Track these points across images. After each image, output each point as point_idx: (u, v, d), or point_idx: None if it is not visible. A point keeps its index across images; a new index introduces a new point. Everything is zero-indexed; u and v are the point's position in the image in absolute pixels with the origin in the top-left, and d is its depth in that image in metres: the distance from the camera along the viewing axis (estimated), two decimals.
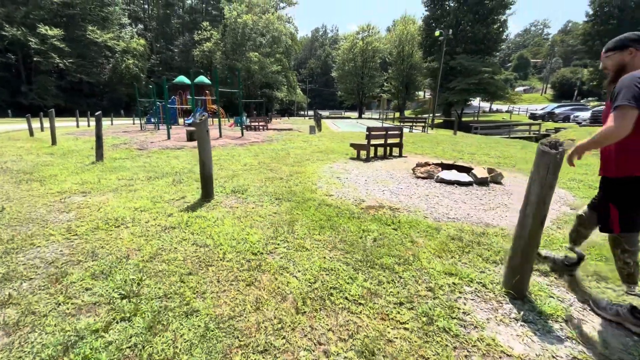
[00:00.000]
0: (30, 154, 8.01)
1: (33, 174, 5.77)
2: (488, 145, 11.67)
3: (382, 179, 5.81)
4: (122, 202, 4.17)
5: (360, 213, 3.93)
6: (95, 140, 6.96)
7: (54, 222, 3.51)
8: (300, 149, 9.65)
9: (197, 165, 6.66)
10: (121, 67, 44.56)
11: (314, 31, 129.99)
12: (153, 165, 6.82)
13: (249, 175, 5.87)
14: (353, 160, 7.74)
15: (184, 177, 5.69)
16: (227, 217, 3.70)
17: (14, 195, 4.51)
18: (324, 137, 13.28)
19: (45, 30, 37.06)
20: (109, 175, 5.74)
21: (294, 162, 7.32)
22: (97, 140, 6.88)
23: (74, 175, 5.70)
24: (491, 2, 32.23)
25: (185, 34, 57.97)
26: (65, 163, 6.82)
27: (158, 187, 4.96)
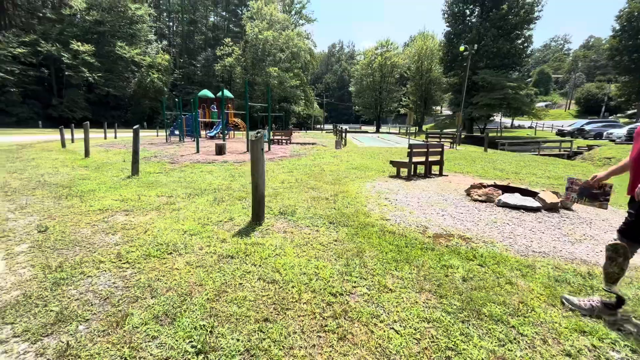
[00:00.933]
0: (65, 166, 7.97)
1: (71, 188, 5.62)
2: (526, 163, 11.05)
3: (435, 201, 5.37)
4: (168, 224, 3.88)
5: (430, 243, 3.50)
6: (132, 155, 6.82)
7: (101, 246, 3.24)
8: (333, 165, 9.32)
9: (234, 181, 6.42)
10: (146, 81, 46.07)
11: (331, 47, 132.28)
12: (188, 180, 6.60)
13: (291, 194, 5.54)
14: (394, 179, 7.33)
15: (224, 195, 5.41)
16: (286, 244, 3.34)
17: (56, 212, 4.30)
18: (351, 153, 12.95)
19: (77, 46, 38.86)
20: (147, 191, 5.52)
21: (333, 179, 6.97)
22: (133, 154, 6.75)
23: (112, 190, 5.52)
24: (515, 17, 31.80)
25: (207, 50, 59.77)
26: (101, 177, 6.69)
27: (201, 206, 4.67)
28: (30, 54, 36.54)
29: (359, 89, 54.52)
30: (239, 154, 11.58)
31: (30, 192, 5.37)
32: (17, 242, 3.30)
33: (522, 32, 32.65)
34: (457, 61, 36.13)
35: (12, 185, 5.77)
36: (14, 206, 4.55)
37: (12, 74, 34.14)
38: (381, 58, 50.73)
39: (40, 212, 4.31)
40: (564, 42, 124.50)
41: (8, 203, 4.70)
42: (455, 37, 34.78)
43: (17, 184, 5.88)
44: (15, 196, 5.08)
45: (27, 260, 2.91)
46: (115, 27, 44.12)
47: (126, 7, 44.68)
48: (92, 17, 41.67)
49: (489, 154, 14.44)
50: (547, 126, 43.84)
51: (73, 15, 42.47)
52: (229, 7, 65.93)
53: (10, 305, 2.21)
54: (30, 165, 8.00)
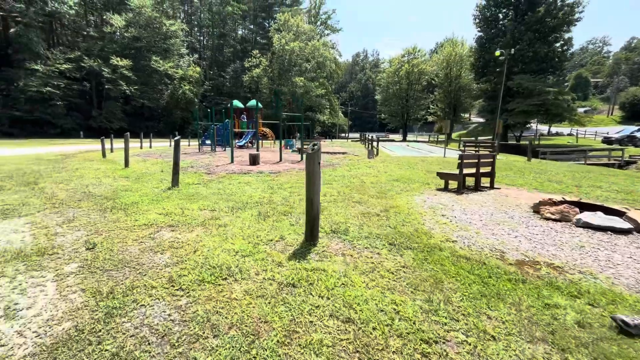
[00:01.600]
0: (107, 177, 8.08)
1: (115, 200, 5.57)
2: (583, 174, 10.07)
3: (500, 219, 4.81)
4: (217, 242, 3.62)
5: (517, 273, 3.00)
6: (172, 166, 6.76)
7: (151, 267, 3.01)
8: (372, 176, 8.89)
9: (274, 194, 6.15)
10: (178, 92, 47.96)
11: (355, 55, 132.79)
12: (228, 192, 6.41)
13: (338, 209, 5.17)
14: (443, 192, 6.79)
15: (267, 209, 5.14)
16: (350, 271, 2.97)
17: (102, 226, 4.18)
18: (387, 163, 12.46)
19: (116, 61, 41.17)
20: (189, 204, 5.36)
21: (377, 192, 6.55)
22: (174, 166, 6.67)
23: (155, 203, 5.40)
24: (553, 20, 30.24)
25: (236, 62, 61.60)
26: (143, 188, 6.65)
27: (247, 222, 4.41)
28: (75, 69, 39.07)
29: (385, 97, 53.88)
30: (273, 164, 11.43)
31: (76, 204, 5.36)
32: (67, 261, 3.14)
33: (561, 34, 30.94)
34: (489, 67, 34.79)
35: (59, 197, 5.81)
36: (62, 219, 4.49)
37: (58, 88, 36.57)
38: (408, 65, 49.96)
39: (87, 226, 4.21)
40: (603, 44, 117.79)
41: (56, 216, 4.66)
42: (488, 42, 33.57)
43: (63, 195, 5.93)
44: (62, 208, 5.06)
45: (77, 283, 2.71)
46: (151, 42, 46.43)
47: (161, 23, 47.01)
48: (130, 33, 44.12)
49: (535, 164, 13.45)
50: (589, 133, 41.08)
51: (113, 32, 45.22)
52: (257, 20, 67.88)
53: (62, 342, 1.97)
54: (75, 176, 8.19)
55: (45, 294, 2.56)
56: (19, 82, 35.05)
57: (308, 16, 63.98)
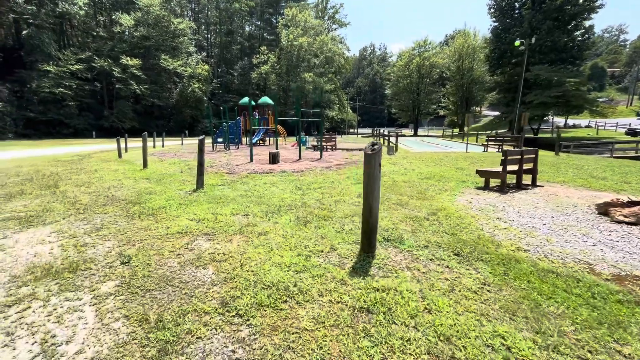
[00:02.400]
0: (127, 179, 7.81)
1: (141, 204, 5.25)
2: (624, 169, 9.44)
3: (565, 223, 4.34)
4: (262, 254, 3.25)
5: (625, 293, 2.55)
6: (197, 167, 6.42)
7: (197, 286, 2.65)
8: (400, 174, 8.44)
9: (306, 196, 5.77)
10: (187, 91, 47.90)
11: (362, 50, 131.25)
12: (257, 194, 6.05)
13: (381, 213, 4.75)
14: (484, 191, 6.32)
15: (304, 213, 4.76)
16: (427, 290, 2.56)
17: (133, 235, 3.85)
18: (410, 159, 11.97)
19: (126, 61, 41.21)
20: (220, 208, 5.01)
21: (416, 193, 6.11)
22: (199, 167, 6.34)
23: (184, 207, 5.06)
24: (573, 7, 29.07)
25: (244, 59, 61.32)
26: (167, 191, 6.33)
27: (288, 229, 4.03)
28: (86, 70, 39.23)
29: (396, 91, 53.00)
30: (293, 162, 11.06)
31: (101, 209, 5.06)
32: (102, 278, 2.81)
33: (582, 22, 29.75)
34: (505, 57, 33.76)
35: (82, 201, 5.53)
36: (89, 227, 4.18)
37: (70, 88, 36.79)
38: (419, 59, 48.94)
39: (117, 235, 3.89)
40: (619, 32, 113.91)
41: (83, 223, 4.35)
42: (504, 32, 32.51)
43: (87, 200, 5.64)
44: (87, 214, 4.76)
45: (119, 308, 2.37)
46: (159, 41, 46.36)
47: (169, 21, 46.87)
48: (139, 33, 44.10)
49: (565, 159, 12.79)
50: (609, 125, 39.69)
51: (122, 32, 45.29)
52: (264, 16, 67.38)
53: None
54: (95, 178, 7.94)
55: (84, 322, 2.22)
56: (31, 83, 35.35)
57: (315, 11, 63.17)
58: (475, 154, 13.93)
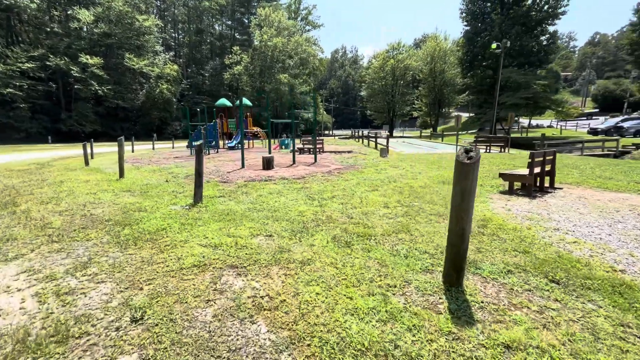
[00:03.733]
0: (104, 192, 6.65)
1: (132, 226, 4.27)
2: (627, 169, 9.60)
3: (630, 232, 3.97)
4: (324, 296, 2.51)
5: None
6: (195, 177, 5.47)
7: (257, 356, 1.87)
8: (410, 178, 7.94)
9: (324, 207, 5.06)
10: (155, 92, 45.17)
11: (334, 52, 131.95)
12: (268, 208, 5.24)
13: (425, 227, 4.16)
14: (512, 196, 5.94)
15: (337, 231, 4.05)
16: (569, 342, 1.96)
17: (136, 273, 2.94)
18: (408, 162, 11.58)
19: (85, 59, 38.03)
20: (234, 228, 4.16)
21: (444, 201, 5.59)
22: (197, 177, 5.40)
23: (188, 228, 4.16)
24: (538, 13, 30.60)
25: (215, 59, 59.15)
26: (159, 206, 5.34)
27: (332, 254, 3.30)
28: (39, 69, 35.76)
29: (371, 93, 53.41)
30: (287, 167, 10.26)
31: (81, 234, 4.03)
32: (117, 350, 1.94)
33: (546, 28, 31.40)
34: (477, 60, 34.91)
35: (53, 224, 4.44)
36: (71, 262, 3.20)
37: (20, 89, 33.29)
38: (393, 61, 49.64)
39: (113, 272, 2.96)
40: (569, 39, 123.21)
41: (60, 256, 3.35)
42: (475, 36, 33.59)
43: (59, 222, 4.55)
44: (65, 243, 3.73)
45: None
46: (123, 39, 43.35)
47: (133, 18, 43.99)
48: (99, 29, 40.95)
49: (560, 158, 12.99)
50: (570, 125, 42.34)
51: (80, 28, 41.84)
52: (235, 15, 65.45)
53: None
54: (63, 191, 6.69)
55: None
56: None
57: (288, 12, 62.31)
58: None
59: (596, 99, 59.43)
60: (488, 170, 9.05)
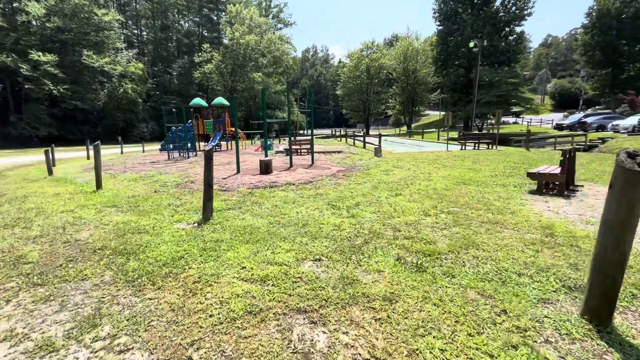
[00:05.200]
0: (84, 208, 5.55)
1: (138, 255, 3.39)
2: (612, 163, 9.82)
3: None
4: (448, 351, 1.88)
5: None
6: (204, 189, 4.60)
7: None
8: (424, 179, 7.50)
9: (356, 217, 4.44)
10: (118, 92, 42.01)
11: (304, 51, 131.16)
12: (292, 221, 4.51)
13: (480, 235, 3.66)
14: (547, 196, 5.63)
15: (395, 248, 3.44)
16: None
17: (172, 333, 2.14)
18: (410, 162, 11.20)
19: (37, 57, 34.51)
20: (270, 251, 3.42)
21: (481, 204, 5.15)
22: (206, 189, 4.54)
23: (213, 255, 3.35)
24: (506, 15, 31.84)
25: (183, 57, 56.35)
26: (162, 225, 4.43)
27: (417, 284, 2.68)
28: None
29: (346, 92, 53.34)
30: (285, 170, 9.48)
31: (71, 270, 3.10)
32: None
33: (513, 29, 32.75)
34: (450, 59, 35.78)
35: (29, 257, 3.44)
36: (70, 318, 2.32)
37: None
38: (368, 60, 49.84)
39: (136, 332, 2.14)
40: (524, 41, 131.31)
41: (52, 309, 2.45)
42: (449, 35, 34.38)
43: (36, 253, 3.55)
44: (53, 286, 2.81)
45: None
46: (80, 34, 39.87)
47: (91, 12, 40.61)
48: (52, 24, 37.33)
49: (543, 154, 13.26)
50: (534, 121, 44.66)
51: (29, 22, 37.94)
52: (202, 11, 62.73)
53: None
54: (30, 210, 5.51)
55: None
56: None
57: (259, 9, 60.69)
58: (462, 153, 13.78)
59: (553, 97, 63.44)
60: (497, 168, 8.84)
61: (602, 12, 44.44)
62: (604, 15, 44.17)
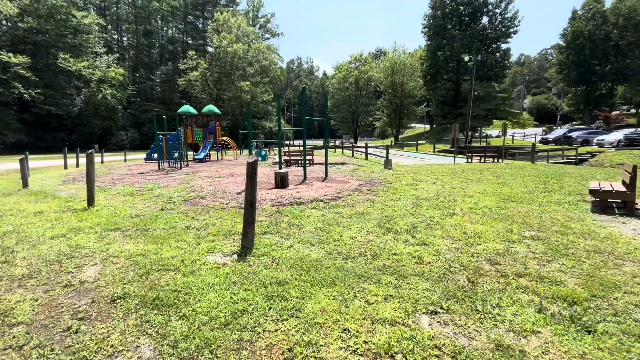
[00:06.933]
0: (78, 232, 4.45)
1: (179, 309, 2.43)
2: None
3: None
4: None
5: None
6: (244, 210, 3.67)
7: None
8: (465, 197, 6.84)
9: (431, 247, 3.66)
10: (97, 97, 39.75)
11: (289, 62, 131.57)
12: (354, 251, 3.66)
13: (623, 277, 2.96)
14: (615, 216, 5.07)
15: (528, 296, 2.66)
16: None
17: None
18: (429, 175, 10.60)
19: (7, 58, 32.12)
20: (364, 301, 2.55)
21: (557, 225, 4.50)
22: (248, 210, 3.61)
23: (288, 307, 2.45)
24: (493, 32, 32.83)
25: (167, 64, 54.61)
26: (191, 258, 3.45)
27: (595, 353, 1.90)
28: None
29: (335, 103, 53.25)
30: (301, 184, 8.60)
31: (87, 339, 2.11)
32: None
33: (499, 45, 33.76)
34: (439, 74, 36.35)
35: (16, 314, 2.40)
36: None
37: None
38: (357, 72, 50.10)
39: None
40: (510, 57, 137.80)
41: None
42: (438, 50, 34.98)
43: (26, 306, 2.51)
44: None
45: None
46: (56, 36, 37.63)
47: (69, 14, 38.58)
48: (26, 24, 35.05)
49: (551, 167, 13.10)
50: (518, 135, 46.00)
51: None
52: (187, 18, 61.51)
53: None
54: (8, 235, 4.35)
55: None
56: None
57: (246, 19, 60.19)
58: (473, 166, 13.39)
59: (531, 112, 66.18)
60: (526, 183, 8.35)
61: (576, 33, 47.05)
62: (578, 36, 46.76)
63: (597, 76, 46.36)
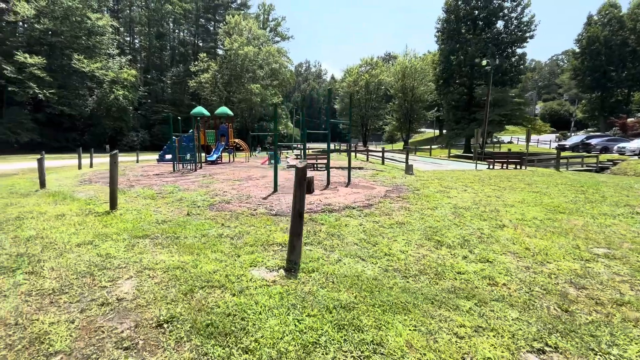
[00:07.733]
0: (104, 239, 4.15)
1: (241, 338, 2.09)
2: None
3: None
4: None
5: None
6: (291, 222, 3.33)
7: None
8: (508, 207, 6.43)
9: (499, 267, 3.27)
10: (109, 98, 40.02)
11: (298, 66, 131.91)
12: (412, 268, 3.30)
13: None
14: None
15: (636, 329, 2.27)
16: None
17: None
18: (456, 182, 10.18)
19: (23, 59, 32.48)
20: (448, 331, 2.19)
21: (627, 241, 4.08)
22: (296, 220, 3.25)
23: (365, 340, 2.10)
24: (509, 36, 32.30)
25: (178, 66, 54.96)
26: (236, 272, 3.12)
27: None
28: None
29: (344, 107, 52.99)
30: (325, 189, 8.26)
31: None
32: None
33: (515, 50, 33.19)
34: (452, 78, 35.85)
35: (52, 340, 2.08)
36: None
37: None
38: (368, 76, 49.80)
39: None
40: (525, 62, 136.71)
41: None
42: (451, 54, 34.47)
43: (62, 329, 2.19)
44: None
45: None
46: (71, 38, 38.04)
47: (84, 16, 39.02)
48: (42, 25, 35.47)
49: (582, 176, 12.57)
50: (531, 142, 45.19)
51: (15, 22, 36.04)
52: (199, 21, 61.95)
53: None
54: (32, 241, 4.07)
55: None
56: None
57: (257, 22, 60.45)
58: (499, 173, 12.92)
59: (543, 118, 65.10)
60: (563, 192, 7.90)
61: (591, 38, 46.22)
62: (593, 41, 45.92)
63: (613, 82, 45.39)
